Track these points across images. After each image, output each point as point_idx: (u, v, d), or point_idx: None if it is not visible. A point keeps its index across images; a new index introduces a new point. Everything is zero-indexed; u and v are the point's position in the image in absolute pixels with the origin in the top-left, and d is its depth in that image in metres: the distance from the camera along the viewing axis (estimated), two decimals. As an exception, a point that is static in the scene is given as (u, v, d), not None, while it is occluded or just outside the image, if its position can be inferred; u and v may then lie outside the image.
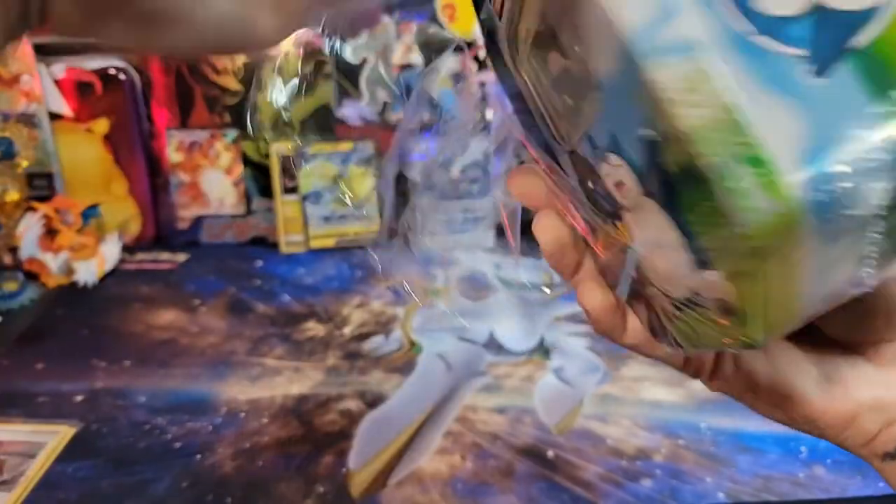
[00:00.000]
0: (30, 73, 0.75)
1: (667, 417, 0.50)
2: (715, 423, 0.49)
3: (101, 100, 0.77)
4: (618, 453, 0.46)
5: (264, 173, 0.82)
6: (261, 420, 0.50)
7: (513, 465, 0.45)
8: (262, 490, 0.43)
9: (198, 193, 0.80)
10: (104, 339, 0.60)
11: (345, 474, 0.44)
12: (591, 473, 0.45)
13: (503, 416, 0.50)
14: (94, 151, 0.78)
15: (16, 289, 0.67)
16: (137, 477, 0.44)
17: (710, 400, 0.52)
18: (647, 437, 0.48)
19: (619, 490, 0.43)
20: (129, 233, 0.80)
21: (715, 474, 0.44)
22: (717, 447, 0.47)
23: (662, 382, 0.54)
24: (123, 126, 0.77)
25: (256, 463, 0.45)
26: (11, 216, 0.70)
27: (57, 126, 0.77)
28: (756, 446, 0.47)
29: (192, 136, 0.79)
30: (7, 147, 0.71)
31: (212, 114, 0.80)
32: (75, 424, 0.49)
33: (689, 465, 0.45)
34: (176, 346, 0.59)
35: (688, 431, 0.49)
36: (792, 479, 0.44)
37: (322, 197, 0.77)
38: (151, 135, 0.80)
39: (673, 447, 0.47)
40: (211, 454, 0.46)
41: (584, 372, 0.56)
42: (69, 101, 0.77)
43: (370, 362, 0.56)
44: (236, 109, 0.80)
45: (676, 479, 0.44)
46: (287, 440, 0.47)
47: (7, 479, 0.44)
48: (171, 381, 0.54)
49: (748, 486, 0.44)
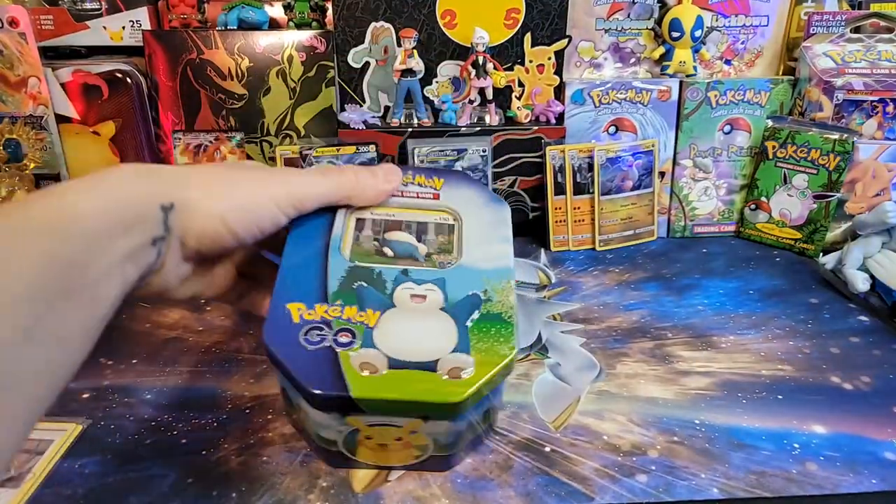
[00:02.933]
0: (37, 77, 0.76)
1: (662, 414, 0.51)
2: (709, 419, 0.50)
3: (107, 103, 0.78)
4: (613, 449, 0.47)
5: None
6: (265, 416, 0.50)
7: (511, 460, 0.46)
8: (267, 485, 0.44)
9: (203, 195, 0.81)
10: (111, 337, 0.61)
11: (347, 469, 0.45)
12: (588, 469, 0.45)
13: (502, 412, 0.51)
14: (100, 154, 0.79)
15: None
16: (143, 473, 0.45)
17: (705, 397, 0.53)
18: (643, 433, 0.49)
19: (615, 485, 0.44)
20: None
21: (709, 470, 0.45)
22: (711, 443, 0.48)
23: (657, 380, 0.55)
24: (130, 129, 0.78)
25: (261, 458, 0.46)
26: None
27: (64, 129, 0.78)
28: (749, 443, 0.48)
29: (197, 139, 0.80)
30: (15, 149, 0.71)
31: (217, 117, 0.81)
32: (82, 421, 0.50)
33: (683, 461, 0.46)
34: (182, 344, 0.60)
35: (682, 428, 0.49)
36: (785, 476, 0.45)
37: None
38: (158, 137, 0.81)
39: (668, 443, 0.48)
40: (216, 450, 0.47)
41: (581, 369, 0.57)
42: (76, 105, 0.78)
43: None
44: (241, 113, 0.81)
45: (671, 475, 0.45)
46: (291, 435, 0.48)
47: (14, 475, 0.45)
48: (177, 379, 0.55)
49: (742, 482, 0.44)
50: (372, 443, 0.39)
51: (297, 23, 0.84)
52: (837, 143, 0.78)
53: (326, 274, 0.40)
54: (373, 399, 0.35)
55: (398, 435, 0.39)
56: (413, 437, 0.39)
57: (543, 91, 0.84)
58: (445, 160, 0.79)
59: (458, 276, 0.41)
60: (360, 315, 0.38)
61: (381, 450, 0.40)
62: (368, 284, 0.40)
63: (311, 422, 0.39)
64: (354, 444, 0.40)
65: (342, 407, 0.36)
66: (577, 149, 0.82)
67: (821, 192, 0.80)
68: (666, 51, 0.87)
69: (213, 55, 0.79)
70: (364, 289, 0.40)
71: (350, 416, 0.37)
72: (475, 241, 0.44)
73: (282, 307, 0.38)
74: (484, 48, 0.79)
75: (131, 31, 0.82)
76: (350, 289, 0.40)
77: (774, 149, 0.83)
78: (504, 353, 0.37)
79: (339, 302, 0.39)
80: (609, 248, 0.83)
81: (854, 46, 0.85)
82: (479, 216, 0.47)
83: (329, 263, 0.41)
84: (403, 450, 0.40)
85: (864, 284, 0.67)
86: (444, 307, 0.39)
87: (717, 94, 0.85)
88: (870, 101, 0.80)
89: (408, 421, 0.37)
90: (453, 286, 0.41)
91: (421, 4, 0.80)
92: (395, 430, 0.38)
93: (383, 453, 0.40)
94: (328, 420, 0.38)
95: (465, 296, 0.40)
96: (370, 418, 0.37)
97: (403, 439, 0.39)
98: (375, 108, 0.85)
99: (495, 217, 0.47)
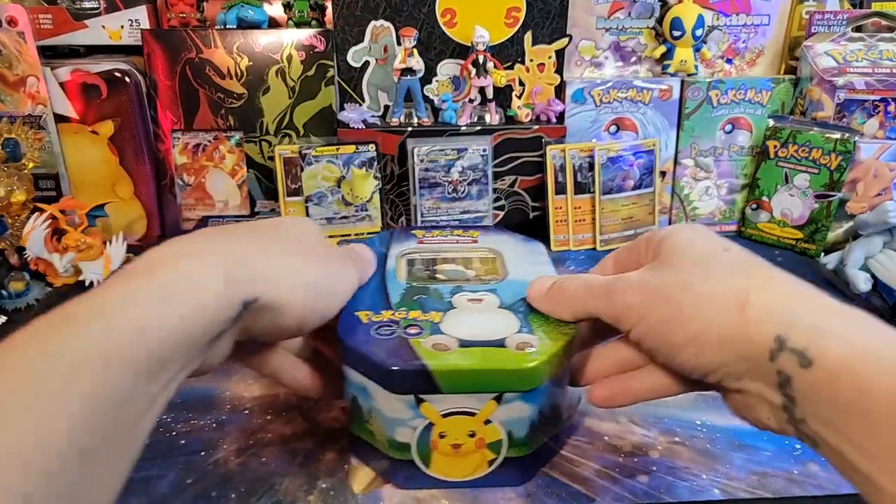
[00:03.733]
0: (36, 76, 0.76)
1: (663, 415, 0.50)
2: (710, 420, 0.50)
3: (106, 102, 0.77)
4: (615, 450, 0.47)
5: (269, 175, 0.83)
6: (265, 417, 0.50)
7: (512, 461, 0.46)
8: (266, 485, 0.43)
9: (203, 195, 0.81)
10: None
11: (347, 470, 0.45)
12: (589, 469, 0.45)
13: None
14: (99, 153, 0.79)
15: (22, 289, 0.68)
16: (142, 473, 0.44)
17: (706, 398, 0.53)
18: (644, 434, 0.49)
19: (616, 486, 0.44)
20: (134, 234, 0.81)
21: (710, 471, 0.45)
22: (712, 444, 0.47)
23: (659, 381, 0.55)
24: (129, 128, 0.78)
25: (260, 459, 0.46)
26: (18, 217, 0.71)
27: (63, 128, 0.78)
28: (751, 443, 0.47)
29: (196, 139, 0.80)
30: (13, 149, 0.71)
31: (216, 116, 0.81)
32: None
33: (684, 461, 0.46)
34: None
35: (684, 428, 0.49)
36: (787, 476, 0.45)
37: (325, 198, 0.78)
38: (157, 137, 0.81)
39: (669, 444, 0.47)
40: (215, 450, 0.46)
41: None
42: (75, 104, 0.78)
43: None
44: (240, 112, 0.81)
45: (672, 476, 0.44)
46: (290, 436, 0.48)
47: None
48: (176, 379, 0.55)
49: (743, 482, 0.44)
50: (445, 444, 0.40)
51: (296, 21, 0.84)
52: (839, 142, 0.78)
53: (387, 292, 0.45)
54: (448, 370, 0.37)
55: (472, 428, 0.40)
56: (487, 431, 0.40)
57: (544, 90, 0.84)
58: (445, 159, 0.79)
59: (509, 287, 0.46)
60: (424, 315, 0.42)
61: (454, 455, 0.41)
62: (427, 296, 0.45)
63: (383, 423, 0.41)
64: (428, 448, 0.41)
65: (419, 385, 0.38)
66: (577, 148, 0.81)
67: (822, 192, 0.80)
68: (667, 50, 0.86)
69: (212, 54, 0.79)
70: (424, 298, 0.44)
71: (424, 403, 0.39)
72: (517, 264, 0.50)
73: (351, 314, 0.42)
74: (484, 47, 0.78)
75: (130, 30, 0.81)
76: (411, 300, 0.44)
77: (776, 148, 0.82)
78: (566, 332, 0.40)
79: (403, 308, 0.43)
80: (610, 247, 0.83)
81: (855, 46, 0.85)
82: (516, 250, 0.53)
83: (388, 286, 0.46)
84: (477, 452, 0.41)
85: (866, 284, 0.67)
86: (501, 306, 0.43)
87: (718, 94, 0.84)
88: (871, 100, 0.80)
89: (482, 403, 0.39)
90: (505, 293, 0.45)
91: (421, 3, 0.80)
92: (468, 421, 0.40)
93: (457, 460, 0.41)
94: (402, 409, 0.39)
95: (519, 298, 0.44)
96: (444, 405, 0.39)
97: (477, 435, 0.40)
98: (375, 108, 0.84)
99: (532, 249, 0.54)
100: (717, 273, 0.34)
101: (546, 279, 0.43)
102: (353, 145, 0.78)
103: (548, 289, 0.42)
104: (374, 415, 0.41)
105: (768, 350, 0.30)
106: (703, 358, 0.33)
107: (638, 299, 0.35)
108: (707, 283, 0.33)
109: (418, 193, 0.79)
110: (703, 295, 0.33)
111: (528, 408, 0.40)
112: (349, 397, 0.43)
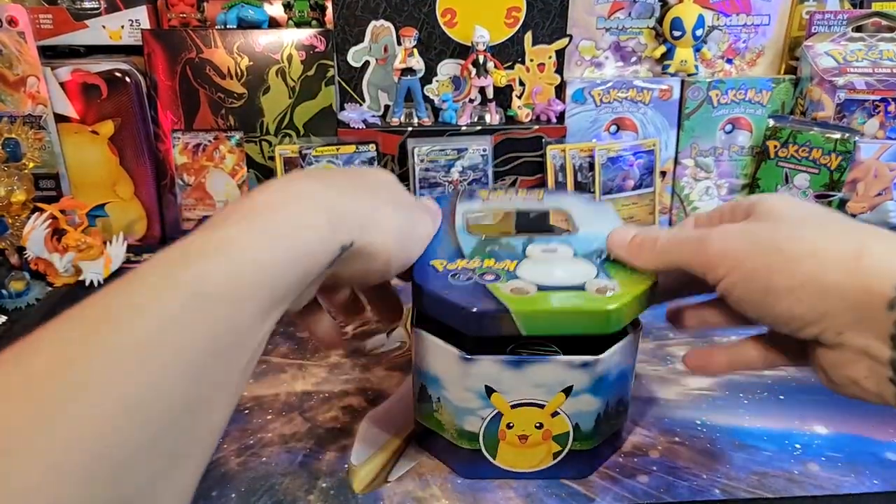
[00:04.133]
0: (36, 76, 0.76)
1: (663, 414, 0.51)
2: (710, 420, 0.50)
3: (106, 102, 0.77)
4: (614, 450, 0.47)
5: (268, 175, 0.83)
6: (265, 416, 0.50)
7: (512, 461, 0.46)
8: (266, 485, 0.43)
9: (203, 195, 0.81)
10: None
11: (347, 469, 0.45)
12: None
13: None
14: (99, 153, 0.79)
15: (22, 289, 0.68)
16: (143, 473, 0.44)
17: (706, 397, 0.53)
18: (644, 433, 0.49)
19: (616, 486, 0.44)
20: (134, 234, 0.81)
21: (710, 471, 0.45)
22: (712, 444, 0.47)
23: (658, 380, 0.55)
24: (129, 128, 0.78)
25: (260, 458, 0.46)
26: (18, 217, 0.71)
27: (63, 128, 0.78)
28: (751, 443, 0.47)
29: (197, 139, 0.80)
30: (13, 148, 0.71)
31: (216, 116, 0.81)
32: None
33: (684, 461, 0.46)
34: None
35: (684, 428, 0.49)
36: (787, 476, 0.45)
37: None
38: (157, 137, 0.81)
39: (669, 444, 0.48)
40: (215, 450, 0.46)
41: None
42: (75, 104, 0.78)
43: (372, 360, 0.57)
44: (240, 112, 0.81)
45: (672, 476, 0.45)
46: (291, 436, 0.48)
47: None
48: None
49: (743, 482, 0.44)
50: (513, 434, 0.41)
51: (296, 21, 0.84)
52: (839, 142, 0.78)
53: (460, 244, 0.44)
54: (529, 312, 0.37)
55: (539, 420, 0.41)
56: (554, 423, 0.41)
57: (544, 90, 0.84)
58: (445, 159, 0.79)
59: (582, 238, 0.46)
60: (498, 264, 0.42)
61: (521, 446, 0.42)
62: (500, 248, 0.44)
63: (453, 412, 0.41)
64: (495, 438, 0.41)
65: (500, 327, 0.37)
66: (577, 148, 0.81)
67: (822, 192, 0.80)
68: (667, 50, 0.86)
69: (212, 54, 0.79)
70: (497, 249, 0.44)
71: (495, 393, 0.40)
72: (588, 221, 0.49)
73: (426, 264, 0.41)
74: (484, 47, 0.78)
75: (130, 30, 0.81)
76: (484, 251, 0.44)
77: (776, 148, 0.82)
78: (645, 279, 0.40)
79: (476, 258, 0.42)
80: (610, 247, 0.83)
81: (856, 46, 0.85)
82: (585, 209, 0.52)
83: (459, 238, 0.45)
84: (543, 443, 0.42)
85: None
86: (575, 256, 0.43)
87: (718, 94, 0.84)
88: (871, 100, 0.80)
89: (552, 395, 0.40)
90: (579, 244, 0.45)
91: (421, 3, 0.80)
92: (537, 412, 0.40)
93: (523, 451, 0.42)
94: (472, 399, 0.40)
95: (593, 248, 0.44)
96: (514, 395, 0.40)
97: (545, 426, 0.41)
98: (375, 108, 0.84)
99: (601, 208, 0.52)
100: (832, 226, 0.34)
101: (626, 229, 0.42)
102: (354, 145, 0.78)
103: (630, 238, 0.41)
104: (444, 403, 0.42)
105: (887, 299, 0.29)
106: (804, 307, 0.32)
107: (739, 246, 0.34)
108: (820, 234, 0.33)
109: (419, 193, 0.79)
110: (815, 243, 0.32)
111: (596, 401, 0.41)
112: (417, 386, 0.44)
